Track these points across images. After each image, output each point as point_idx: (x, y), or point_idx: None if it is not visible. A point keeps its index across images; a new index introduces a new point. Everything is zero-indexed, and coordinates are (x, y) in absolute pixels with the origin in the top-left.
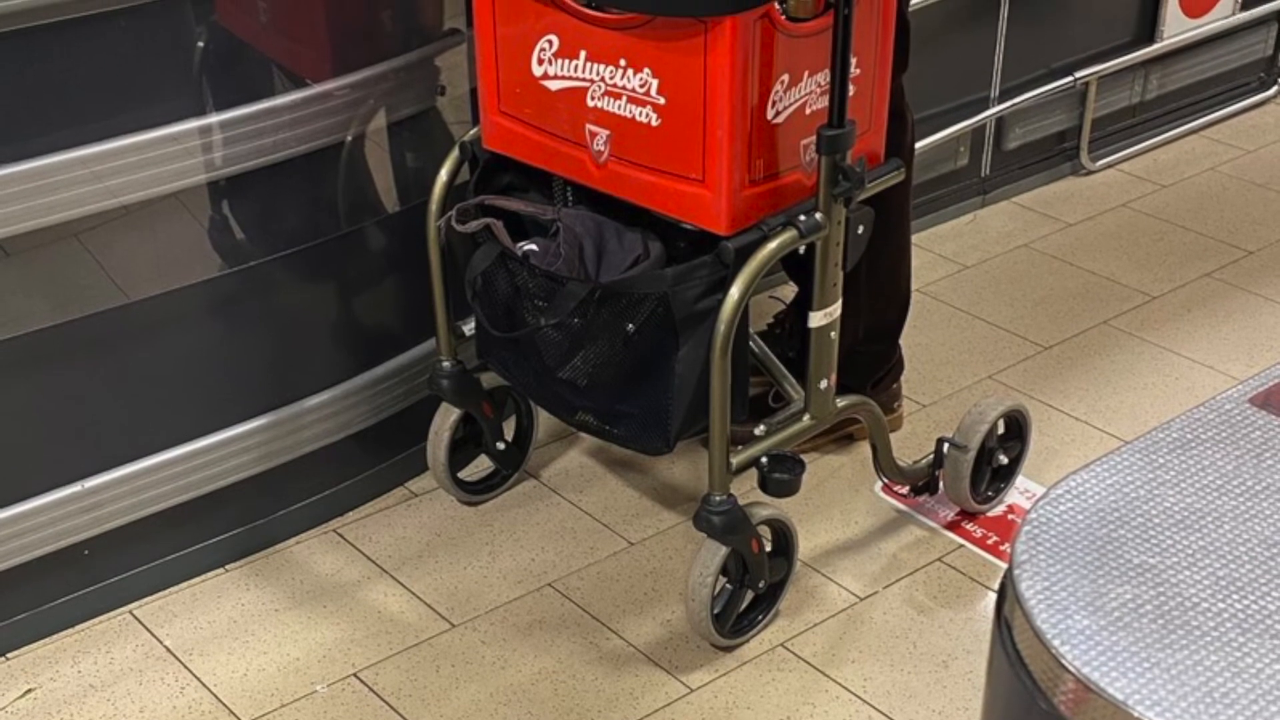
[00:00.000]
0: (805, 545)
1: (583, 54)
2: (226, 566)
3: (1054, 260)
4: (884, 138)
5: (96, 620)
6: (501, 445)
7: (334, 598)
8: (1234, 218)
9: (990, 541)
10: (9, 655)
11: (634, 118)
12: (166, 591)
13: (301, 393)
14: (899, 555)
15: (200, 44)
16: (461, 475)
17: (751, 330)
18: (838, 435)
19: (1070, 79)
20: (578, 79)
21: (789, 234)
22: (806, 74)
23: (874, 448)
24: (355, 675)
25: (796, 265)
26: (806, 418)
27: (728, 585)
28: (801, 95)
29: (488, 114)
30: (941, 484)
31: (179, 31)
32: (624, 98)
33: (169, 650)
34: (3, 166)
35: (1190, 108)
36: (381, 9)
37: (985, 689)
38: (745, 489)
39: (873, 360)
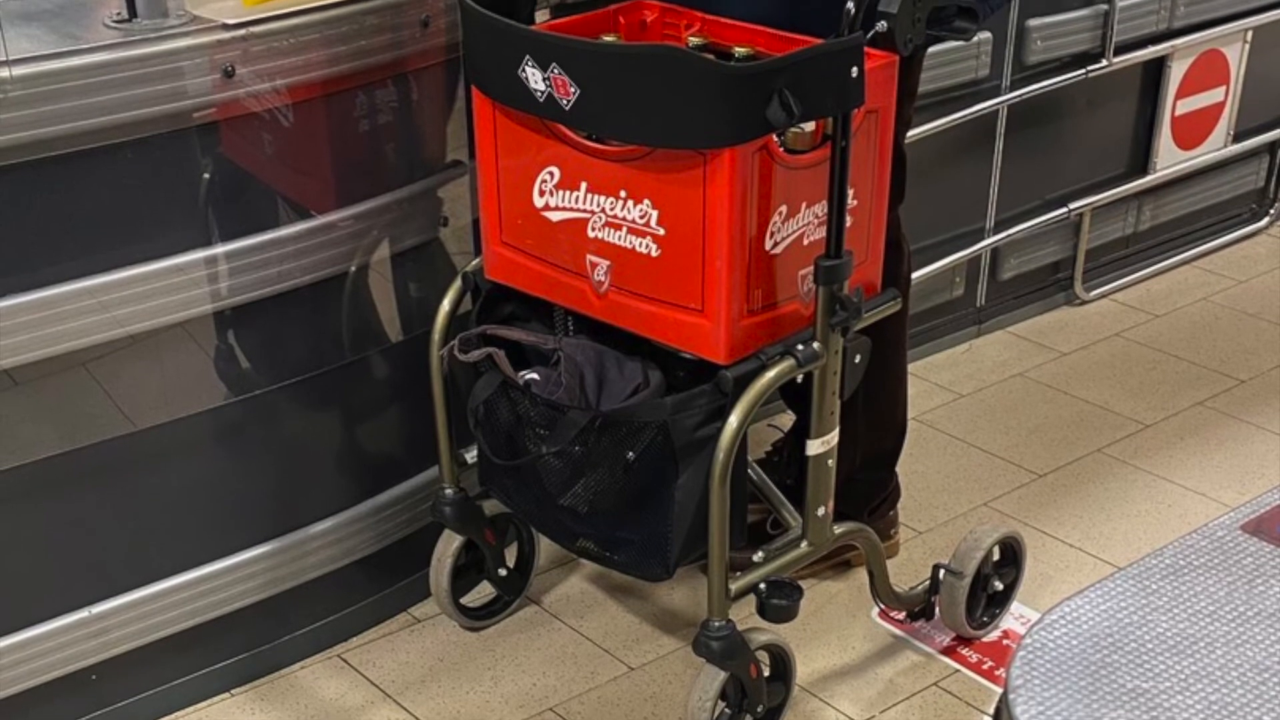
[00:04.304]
0: (803, 670)
1: (583, 185)
2: (232, 691)
3: (1048, 389)
4: (880, 268)
5: None
6: (503, 571)
7: None
8: (1227, 347)
9: (986, 666)
10: None
11: (634, 248)
12: (172, 716)
13: (306, 519)
14: (895, 680)
15: (206, 175)
16: (464, 601)
17: (750, 458)
18: (835, 562)
19: (1064, 210)
20: (578, 210)
21: (787, 363)
22: (804, 205)
23: (871, 574)
24: None
25: (794, 394)
26: (804, 544)
27: (726, 710)
28: (799, 226)
29: (490, 245)
30: (937, 610)
31: (185, 163)
32: (624, 228)
33: None
34: (11, 296)
35: (1183, 238)
36: (385, 141)
37: None
38: (744, 614)
39: (870, 488)
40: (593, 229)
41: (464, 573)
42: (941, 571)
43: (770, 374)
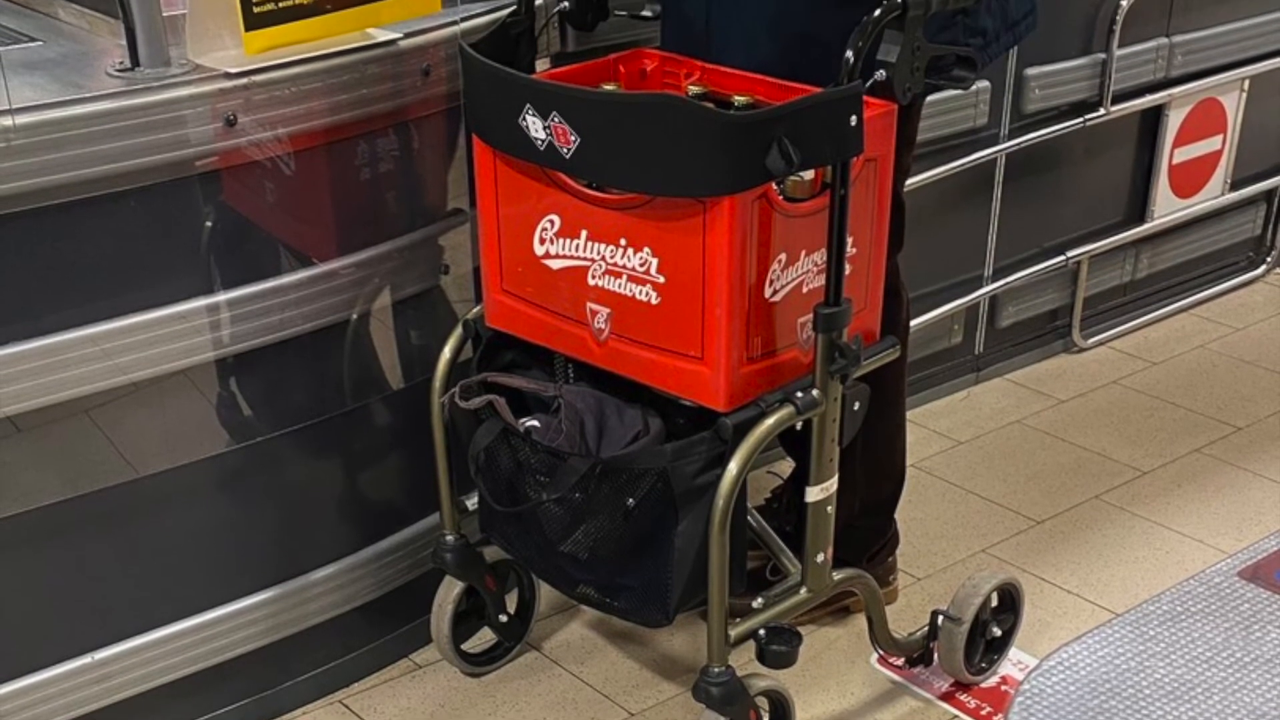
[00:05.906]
0: (802, 716)
1: (584, 233)
2: None
3: (1046, 436)
4: (879, 316)
5: None
6: (504, 617)
7: None
8: (1224, 394)
9: (984, 712)
10: None
11: (634, 296)
12: None
13: (307, 566)
14: None
15: (208, 223)
16: (465, 647)
17: (749, 504)
18: (834, 608)
19: (1062, 258)
20: (579, 258)
21: (786, 411)
22: (803, 253)
23: (870, 620)
24: None
25: (794, 441)
26: (804, 591)
27: None
28: (799, 274)
29: (490, 292)
30: (936, 656)
31: (187, 211)
32: (624, 276)
33: None
34: (14, 344)
35: (1180, 286)
36: (386, 189)
37: None
38: (743, 660)
39: (869, 534)
40: (593, 277)
41: (465, 619)
42: (940, 618)
43: (769, 421)
